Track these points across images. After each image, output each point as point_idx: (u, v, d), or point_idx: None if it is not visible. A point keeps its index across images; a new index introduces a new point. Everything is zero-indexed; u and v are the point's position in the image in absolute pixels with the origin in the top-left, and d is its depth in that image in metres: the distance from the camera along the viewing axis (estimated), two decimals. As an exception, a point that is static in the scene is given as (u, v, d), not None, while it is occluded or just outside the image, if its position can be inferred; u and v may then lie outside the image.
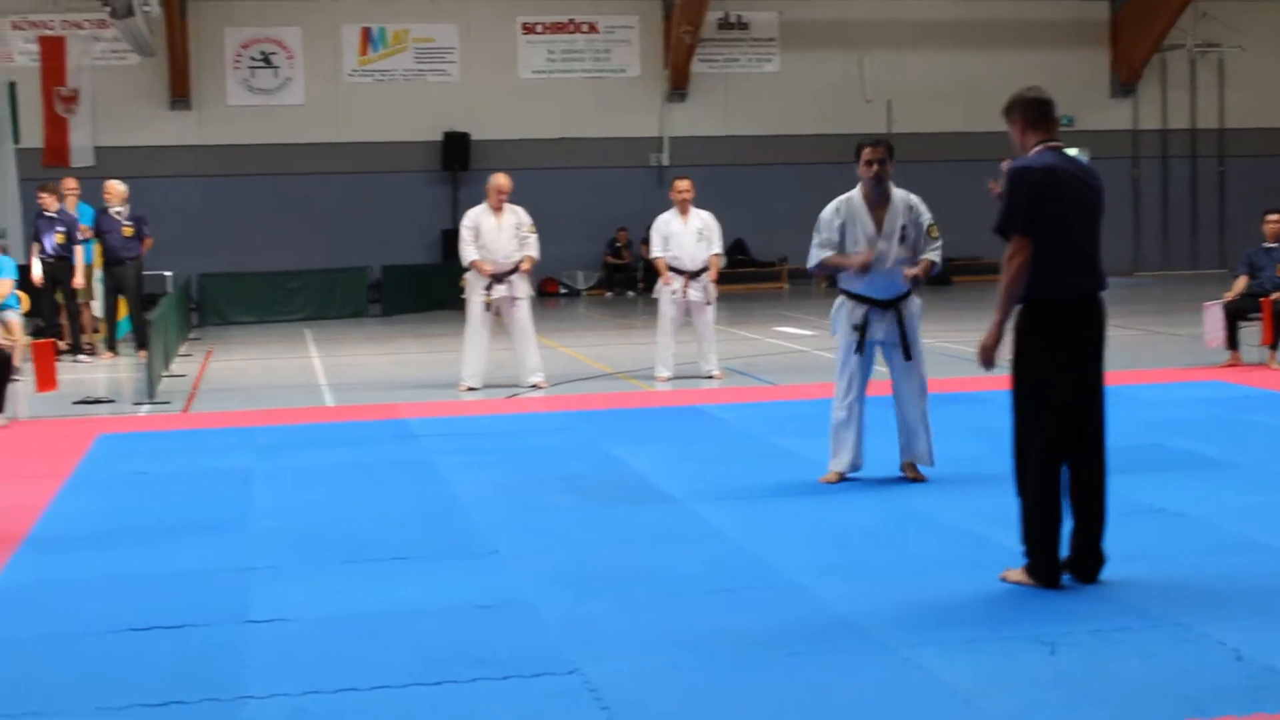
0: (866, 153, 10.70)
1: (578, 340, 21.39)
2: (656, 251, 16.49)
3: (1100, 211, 7.11)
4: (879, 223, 10.50)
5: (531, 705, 5.90)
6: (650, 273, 20.75)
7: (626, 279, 30.22)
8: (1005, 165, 6.74)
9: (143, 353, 18.17)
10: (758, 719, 5.65)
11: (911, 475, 10.39)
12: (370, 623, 7.10)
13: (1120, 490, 9.49)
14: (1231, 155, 31.74)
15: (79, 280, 20.64)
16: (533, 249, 16.07)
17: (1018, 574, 7.14)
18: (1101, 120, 32.30)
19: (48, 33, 28.36)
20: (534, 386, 15.76)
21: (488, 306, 15.94)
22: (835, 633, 6.76)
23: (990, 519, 8.86)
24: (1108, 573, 7.38)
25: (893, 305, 10.52)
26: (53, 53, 28.07)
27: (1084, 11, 31.87)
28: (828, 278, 11.80)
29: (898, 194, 10.70)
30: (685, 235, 15.72)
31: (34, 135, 27.88)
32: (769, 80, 31.02)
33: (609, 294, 30.33)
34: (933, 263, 10.74)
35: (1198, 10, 31.14)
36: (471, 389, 15.84)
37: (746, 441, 12.21)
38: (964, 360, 17.47)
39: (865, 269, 10.22)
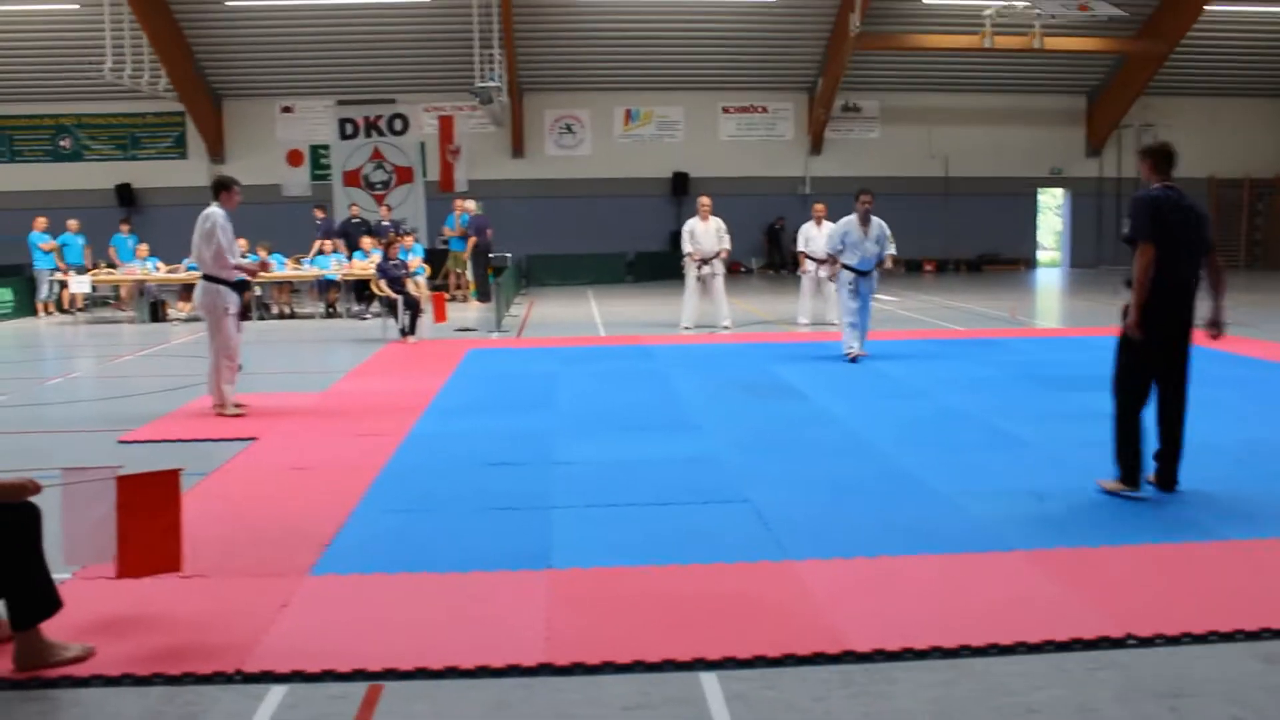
0: (863, 197, 12.41)
1: (750, 299, 21.28)
2: (800, 247, 16.36)
3: (1201, 229, 6.32)
4: (865, 233, 12.24)
5: (719, 520, 5.94)
6: (796, 261, 20.49)
7: (781, 262, 29.89)
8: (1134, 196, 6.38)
9: (485, 302, 18.53)
10: (865, 530, 5.64)
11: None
12: (626, 466, 7.18)
13: (1085, 402, 9.26)
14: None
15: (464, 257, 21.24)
16: (726, 243, 15.92)
17: (1112, 484, 6.32)
18: (1079, 171, 31.33)
19: (443, 113, 28.80)
20: (724, 327, 15.71)
21: (698, 278, 15.94)
22: (905, 480, 6.70)
23: (1003, 416, 8.71)
24: (1078, 452, 7.24)
25: (867, 274, 12.32)
26: (446, 125, 28.45)
27: (1071, 103, 30.83)
28: (832, 259, 12.67)
29: (874, 219, 12.34)
30: (820, 238, 15.09)
31: (433, 173, 28.46)
32: (872, 143, 30.49)
33: (770, 271, 30.10)
34: (893, 256, 12.74)
35: (1143, 103, 29.97)
36: (687, 328, 15.81)
37: (859, 364, 12.04)
38: (989, 317, 17.07)
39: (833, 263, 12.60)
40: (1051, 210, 33.45)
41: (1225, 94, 30.87)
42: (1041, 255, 33.15)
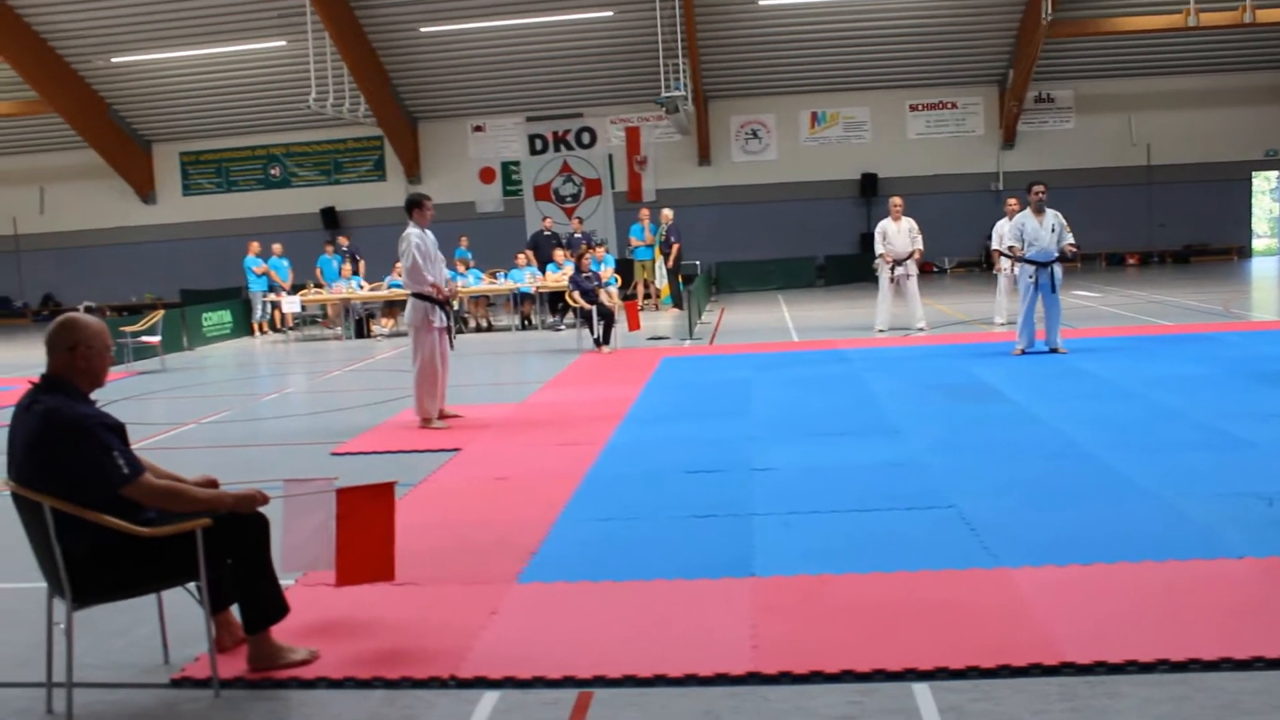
0: (1035, 188, 12.27)
1: (945, 300, 20.81)
2: (995, 245, 15.83)
3: None
4: (1040, 223, 12.18)
5: (924, 526, 5.81)
6: (989, 257, 19.76)
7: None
8: None
9: (677, 310, 18.65)
10: (1079, 535, 5.43)
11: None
12: (825, 472, 7.10)
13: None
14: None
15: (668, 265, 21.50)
16: (918, 244, 15.64)
17: None
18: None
19: (629, 124, 29.13)
20: (919, 329, 15.41)
21: (891, 280, 15.68)
22: (1118, 483, 6.42)
23: (1219, 415, 8.27)
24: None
25: (1048, 265, 12.17)
26: (632, 135, 28.85)
27: (1286, 80, 29.10)
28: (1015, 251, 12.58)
29: (1049, 210, 12.22)
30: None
31: (621, 184, 28.85)
32: (1067, 134, 29.40)
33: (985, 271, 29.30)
34: (1072, 245, 12.30)
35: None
36: (881, 330, 15.56)
37: (1057, 362, 11.64)
38: (1201, 311, 16.26)
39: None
40: (1267, 194, 31.58)
41: None
42: (1257, 243, 31.32)
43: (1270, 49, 28.17)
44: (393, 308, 19.86)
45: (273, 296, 20.94)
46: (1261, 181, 30.71)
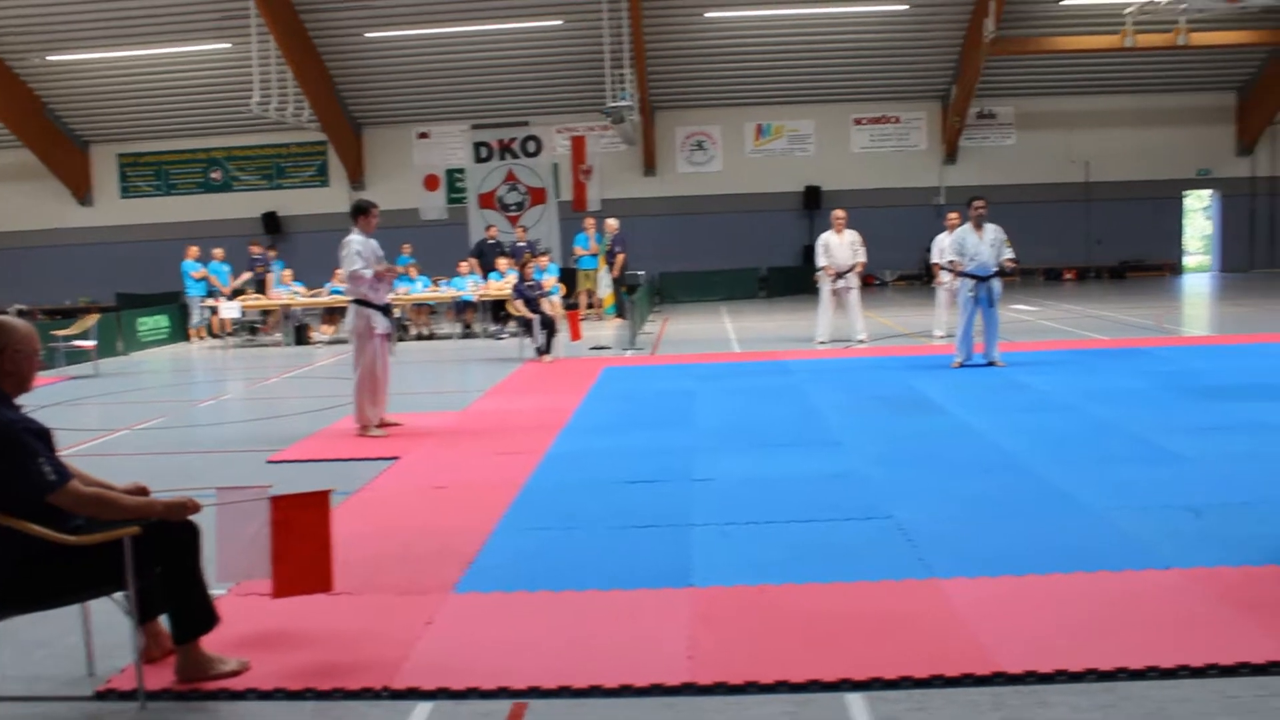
0: (975, 203, 12.47)
1: (886, 312, 20.97)
2: (934, 258, 15.93)
3: None
4: (980, 238, 12.34)
5: (863, 538, 5.84)
6: (929, 271, 19.87)
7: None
8: None
9: (619, 320, 18.68)
10: (1013, 547, 5.48)
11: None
12: (765, 483, 7.11)
13: (1241, 411, 8.92)
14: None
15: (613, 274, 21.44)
16: (861, 256, 15.72)
17: None
18: (1229, 171, 30.16)
19: (575, 133, 29.14)
20: (860, 341, 15.51)
21: (833, 292, 15.78)
22: (1055, 498, 6.50)
23: (1154, 429, 8.40)
24: (1234, 466, 6.90)
25: (988, 280, 12.35)
26: (578, 145, 28.85)
27: (1218, 101, 29.69)
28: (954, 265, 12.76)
29: (989, 225, 12.39)
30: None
31: (566, 193, 28.86)
32: (1008, 150, 29.82)
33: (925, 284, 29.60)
34: (1011, 259, 12.42)
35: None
36: (823, 342, 15.65)
37: (995, 375, 11.78)
38: (1136, 326, 16.52)
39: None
40: (1199, 213, 32.23)
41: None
42: (1189, 260, 31.96)
43: (1205, 71, 28.81)
44: (333, 314, 19.68)
45: (211, 301, 20.67)
46: (1194, 200, 31.35)
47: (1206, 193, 31.13)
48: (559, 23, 25.74)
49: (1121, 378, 11.24)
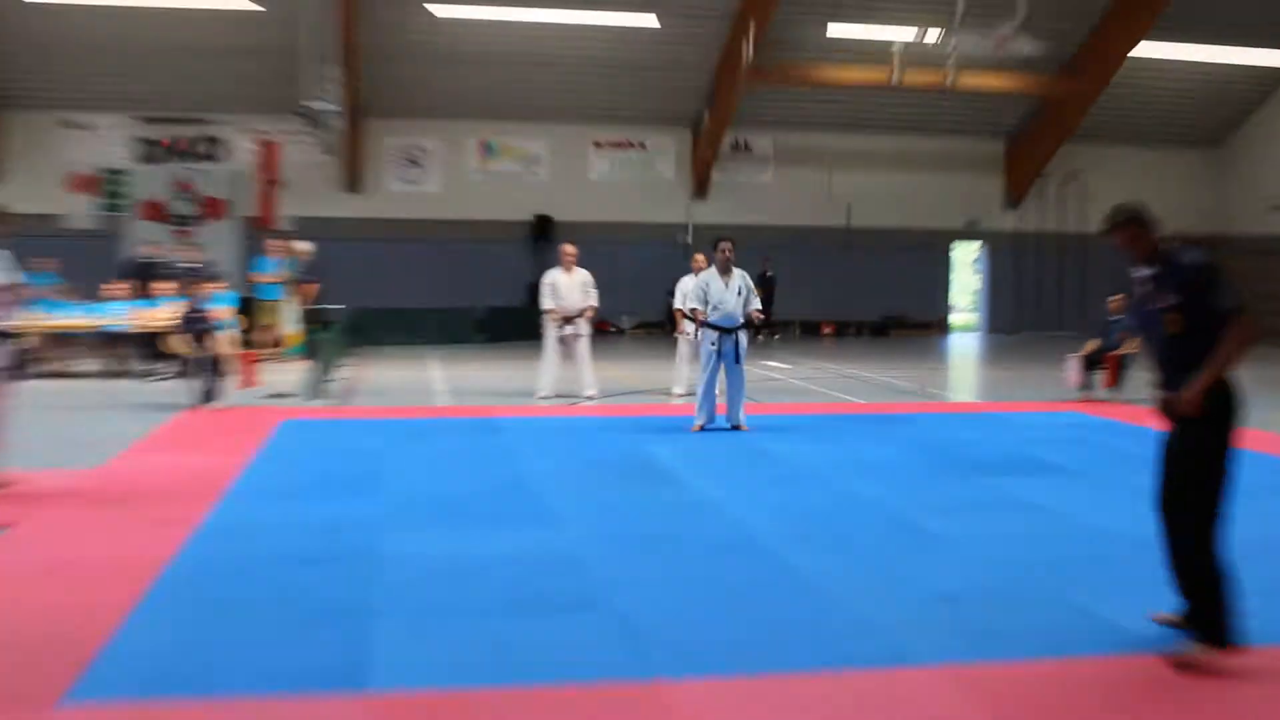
0: (722, 244, 12.83)
1: (621, 365, 21.28)
2: (678, 304, 16.05)
3: None
4: (726, 284, 12.68)
5: (577, 631, 5.78)
6: (671, 319, 20.10)
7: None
8: (1187, 256, 5.04)
9: (306, 362, 18.28)
10: (750, 641, 5.53)
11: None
12: (465, 565, 6.99)
13: (1002, 487, 9.44)
14: (1091, 250, 31.17)
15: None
16: (593, 299, 15.96)
17: (1200, 652, 5.23)
18: (997, 224, 32.39)
19: (266, 137, 28.45)
20: (588, 398, 15.65)
21: (559, 340, 15.89)
22: (796, 584, 6.63)
23: (911, 505, 8.75)
24: (993, 548, 7.25)
25: (732, 331, 12.68)
26: (269, 152, 28.16)
27: (987, 146, 31.91)
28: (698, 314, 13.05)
29: (736, 270, 12.78)
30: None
31: (251, 207, 28.13)
32: (764, 187, 31.06)
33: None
34: (758, 311, 12.87)
35: (1067, 150, 31.19)
36: (544, 398, 15.71)
37: (739, 441, 12.06)
38: (895, 389, 17.34)
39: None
40: (968, 267, 34.37)
41: (1154, 143, 32.26)
42: (955, 318, 33.98)
43: (974, 116, 30.91)
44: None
45: None
46: (961, 252, 33.44)
47: (975, 244, 33.26)
48: (249, 4, 25.09)
49: (879, 447, 11.72)
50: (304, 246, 21.40)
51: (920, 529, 8.06)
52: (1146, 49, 27.93)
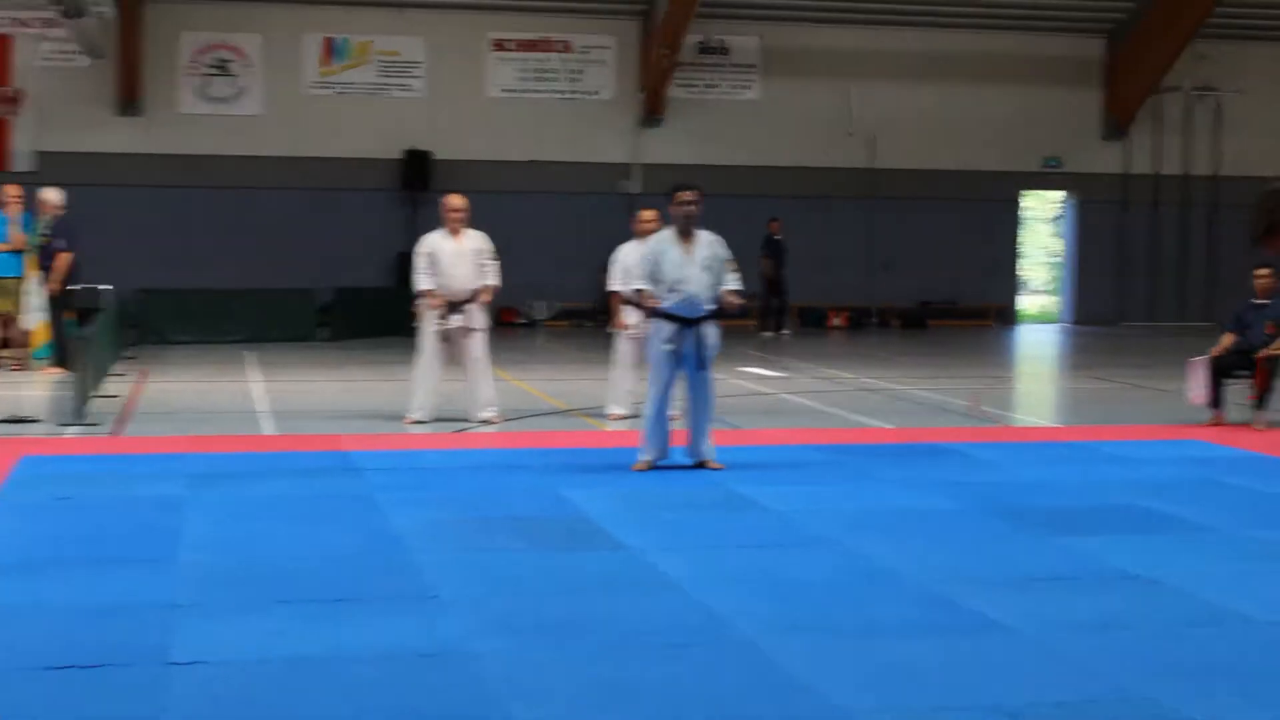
0: (682, 195, 12.81)
1: (534, 374, 21.29)
2: (618, 284, 16.05)
3: None
4: (688, 254, 12.52)
5: (463, 761, 5.86)
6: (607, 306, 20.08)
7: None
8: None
9: (59, 370, 18.19)
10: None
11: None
12: (302, 668, 7.00)
13: (1092, 553, 9.54)
14: (1226, 204, 31.37)
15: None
16: (492, 277, 15.95)
17: None
18: (1090, 163, 32.28)
19: (-5, 30, 28.31)
20: (485, 422, 15.67)
21: (442, 337, 15.88)
22: (787, 693, 6.71)
23: (956, 578, 8.84)
24: (1078, 641, 7.34)
25: (694, 323, 12.51)
26: (-2, 50, 28.01)
27: (1078, 48, 31.84)
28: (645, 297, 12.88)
29: (703, 233, 12.76)
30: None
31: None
32: (749, 108, 30.98)
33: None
34: (736, 293, 12.74)
35: (1195, 52, 31.16)
36: (419, 422, 15.74)
37: (705, 486, 12.14)
38: (937, 408, 17.47)
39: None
40: (1045, 228, 34.35)
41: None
42: (1026, 303, 33.86)
43: (1057, 4, 30.87)
44: None
45: None
46: (1037, 205, 33.33)
47: (1057, 194, 33.29)
48: None
49: (910, 493, 11.80)
50: (53, 197, 21.26)
51: (967, 613, 8.11)
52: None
